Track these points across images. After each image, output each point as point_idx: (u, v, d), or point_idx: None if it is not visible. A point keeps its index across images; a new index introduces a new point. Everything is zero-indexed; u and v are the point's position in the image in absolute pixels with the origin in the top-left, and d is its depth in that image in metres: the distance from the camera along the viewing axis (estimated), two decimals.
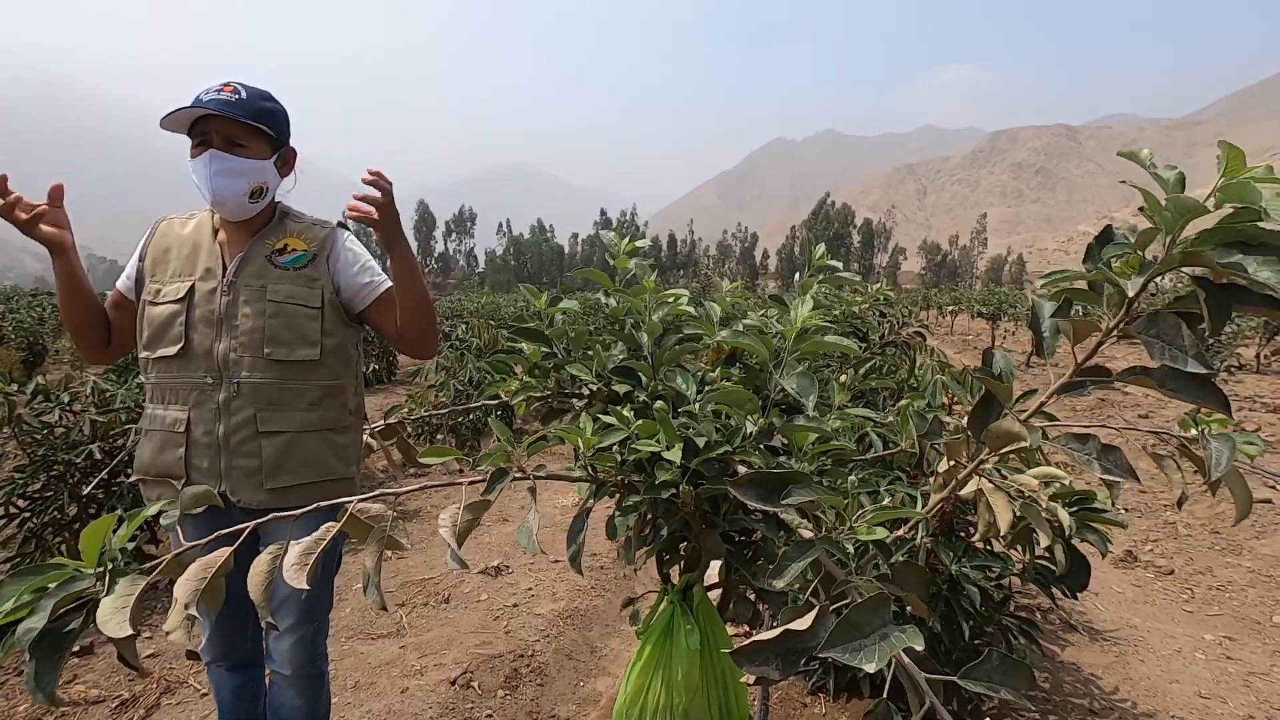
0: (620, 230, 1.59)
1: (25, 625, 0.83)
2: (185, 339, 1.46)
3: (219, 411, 1.45)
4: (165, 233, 1.57)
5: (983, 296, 17.34)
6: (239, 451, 1.45)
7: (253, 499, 1.46)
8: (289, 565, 0.95)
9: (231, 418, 1.45)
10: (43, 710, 2.26)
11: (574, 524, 1.18)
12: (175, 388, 1.48)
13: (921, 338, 3.97)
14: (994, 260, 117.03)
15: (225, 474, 1.46)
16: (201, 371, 1.46)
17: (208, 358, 1.46)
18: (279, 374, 1.48)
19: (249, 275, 1.48)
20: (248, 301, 1.47)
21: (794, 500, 0.86)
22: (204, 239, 1.53)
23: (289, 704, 1.61)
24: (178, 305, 1.47)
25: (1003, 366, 0.88)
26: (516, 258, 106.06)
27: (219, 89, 1.43)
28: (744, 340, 1.26)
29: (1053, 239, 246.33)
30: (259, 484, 1.46)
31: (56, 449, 2.86)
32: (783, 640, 0.75)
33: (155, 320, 1.49)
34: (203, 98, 1.40)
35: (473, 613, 3.01)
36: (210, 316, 1.47)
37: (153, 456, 1.49)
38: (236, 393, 1.45)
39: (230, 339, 1.46)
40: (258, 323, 1.46)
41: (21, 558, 2.90)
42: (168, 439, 1.47)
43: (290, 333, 1.48)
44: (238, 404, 1.45)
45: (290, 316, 1.48)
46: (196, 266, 1.50)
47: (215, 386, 1.46)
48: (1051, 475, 1.36)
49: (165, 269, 1.52)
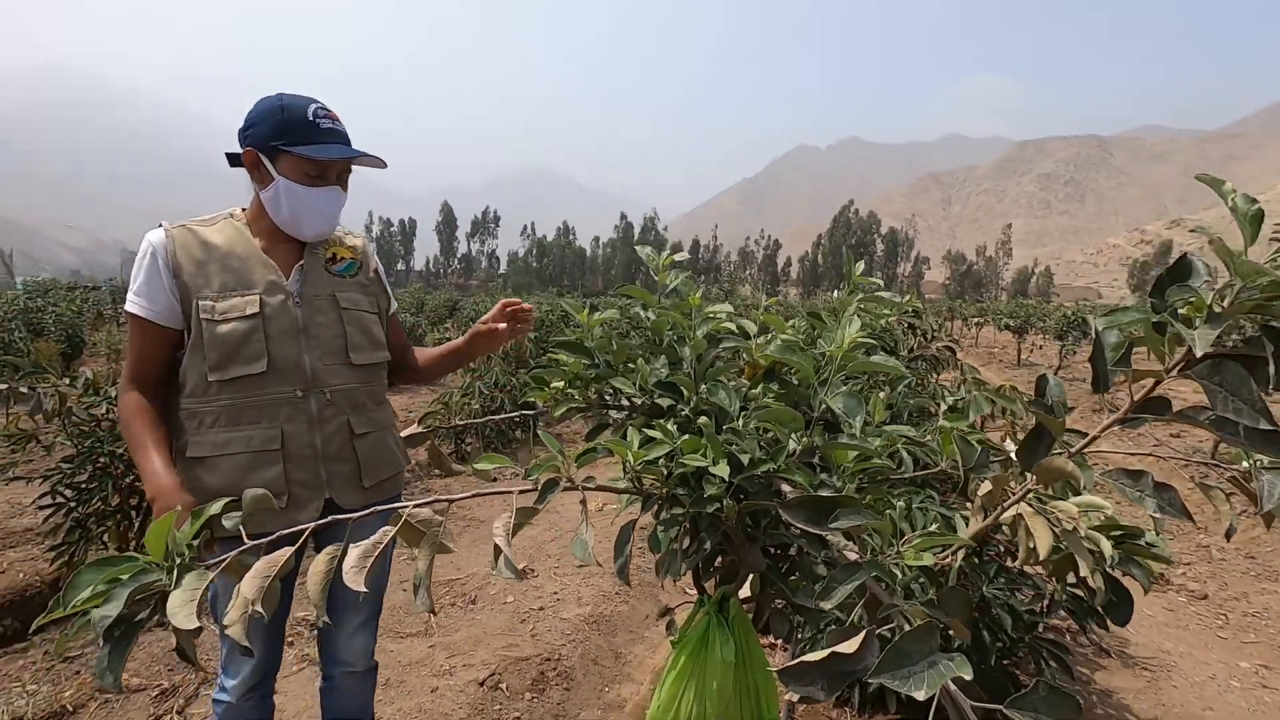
0: (644, 237, 1.61)
1: (100, 612, 0.87)
2: (268, 354, 1.40)
3: (313, 422, 1.45)
4: (187, 243, 1.42)
5: (1009, 309, 17.10)
6: (337, 458, 1.48)
7: (353, 501, 1.50)
8: (348, 568, 0.98)
9: (326, 426, 1.46)
10: (88, 696, 2.33)
11: (620, 536, 1.21)
12: (259, 406, 1.41)
13: (951, 352, 3.94)
14: (1020, 272, 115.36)
15: (328, 482, 1.47)
16: (290, 386, 1.42)
17: (296, 370, 1.43)
18: (361, 378, 1.53)
19: (315, 285, 1.50)
20: (322, 311, 1.49)
21: (841, 524, 0.88)
22: (250, 249, 1.46)
23: (358, 700, 1.68)
24: (252, 321, 1.40)
25: (1056, 397, 0.89)
26: (539, 260, 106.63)
27: (327, 114, 1.44)
28: (790, 357, 1.28)
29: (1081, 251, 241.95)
30: (359, 485, 1.51)
31: (102, 441, 2.94)
32: (830, 662, 0.77)
33: (226, 341, 1.38)
34: (320, 123, 1.42)
35: (499, 614, 3.05)
36: (289, 329, 1.44)
37: (237, 480, 1.39)
38: (329, 401, 1.47)
39: (314, 349, 1.47)
40: (337, 330, 1.50)
41: (66, 545, 2.99)
42: (258, 460, 1.40)
43: (364, 337, 1.54)
44: (330, 412, 1.47)
45: (361, 322, 1.54)
46: (253, 279, 1.43)
47: (305, 398, 1.44)
48: (1093, 504, 1.36)
49: (208, 283, 1.41)
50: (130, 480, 3.04)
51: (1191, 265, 0.69)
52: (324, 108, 1.45)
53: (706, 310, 1.46)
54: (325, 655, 1.67)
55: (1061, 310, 14.20)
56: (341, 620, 1.60)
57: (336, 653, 1.63)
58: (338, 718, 1.69)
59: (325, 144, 1.42)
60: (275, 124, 1.39)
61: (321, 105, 1.44)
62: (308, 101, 1.43)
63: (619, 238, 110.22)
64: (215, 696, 1.55)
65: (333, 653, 1.64)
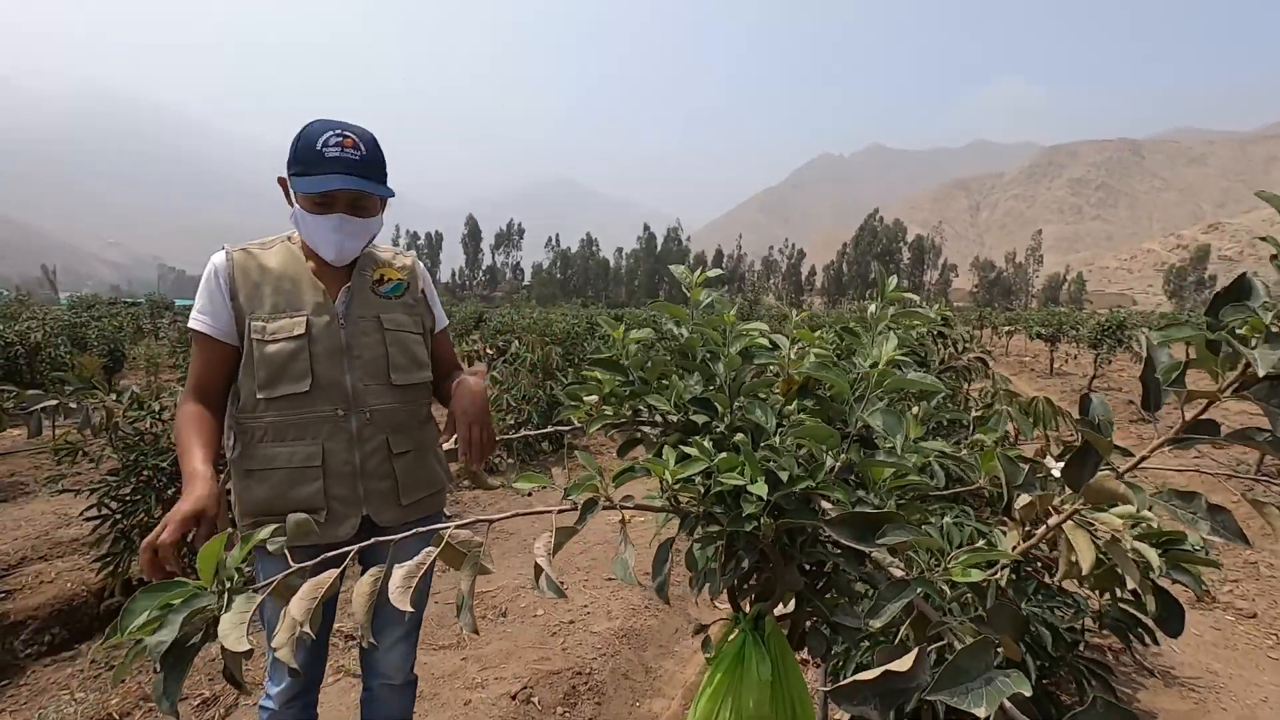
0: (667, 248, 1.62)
1: (156, 638, 0.89)
2: (312, 374, 1.45)
3: (352, 441, 1.49)
4: (245, 266, 1.49)
5: (1041, 316, 16.76)
6: (375, 475, 1.51)
7: (391, 518, 1.53)
8: (393, 588, 1.00)
9: (365, 445, 1.50)
10: (133, 704, 2.39)
11: (658, 554, 1.21)
12: (303, 423, 1.46)
13: (984, 364, 3.88)
14: (1051, 279, 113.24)
15: (365, 499, 1.50)
16: (331, 404, 1.47)
17: (337, 390, 1.47)
18: (402, 398, 1.56)
19: (360, 306, 1.54)
20: (365, 332, 1.52)
21: (889, 540, 0.87)
22: (301, 272, 1.52)
23: (397, 712, 1.70)
24: (298, 342, 1.45)
25: (1102, 416, 0.88)
26: (563, 271, 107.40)
27: (340, 141, 1.41)
28: (826, 374, 1.28)
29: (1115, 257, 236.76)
30: (396, 503, 1.54)
31: (146, 454, 3.03)
32: (883, 681, 0.77)
33: (274, 360, 1.44)
34: (326, 151, 1.39)
35: (530, 628, 3.06)
36: (333, 350, 1.48)
37: (278, 494, 1.45)
38: (369, 420, 1.51)
39: (356, 369, 1.50)
40: (379, 351, 1.53)
41: (111, 556, 3.08)
42: (299, 475, 1.45)
43: (406, 358, 1.57)
44: (369, 431, 1.51)
45: (404, 343, 1.57)
46: (302, 300, 1.48)
47: (346, 417, 1.48)
48: (1136, 515, 1.33)
49: (261, 304, 1.47)
50: (172, 493, 3.12)
51: (1251, 285, 0.68)
52: (339, 134, 1.42)
53: (740, 327, 1.47)
54: (365, 667, 1.70)
55: (1096, 318, 13.87)
56: (381, 634, 1.63)
57: (376, 665, 1.66)
58: None
59: (325, 174, 1.40)
60: (292, 152, 1.44)
61: (337, 132, 1.42)
62: (324, 129, 1.42)
63: (642, 249, 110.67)
64: (261, 704, 1.60)
65: (373, 665, 1.67)
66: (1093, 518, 1.21)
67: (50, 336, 7.88)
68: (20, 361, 7.27)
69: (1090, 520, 1.17)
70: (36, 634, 2.99)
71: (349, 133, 1.43)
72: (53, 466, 5.22)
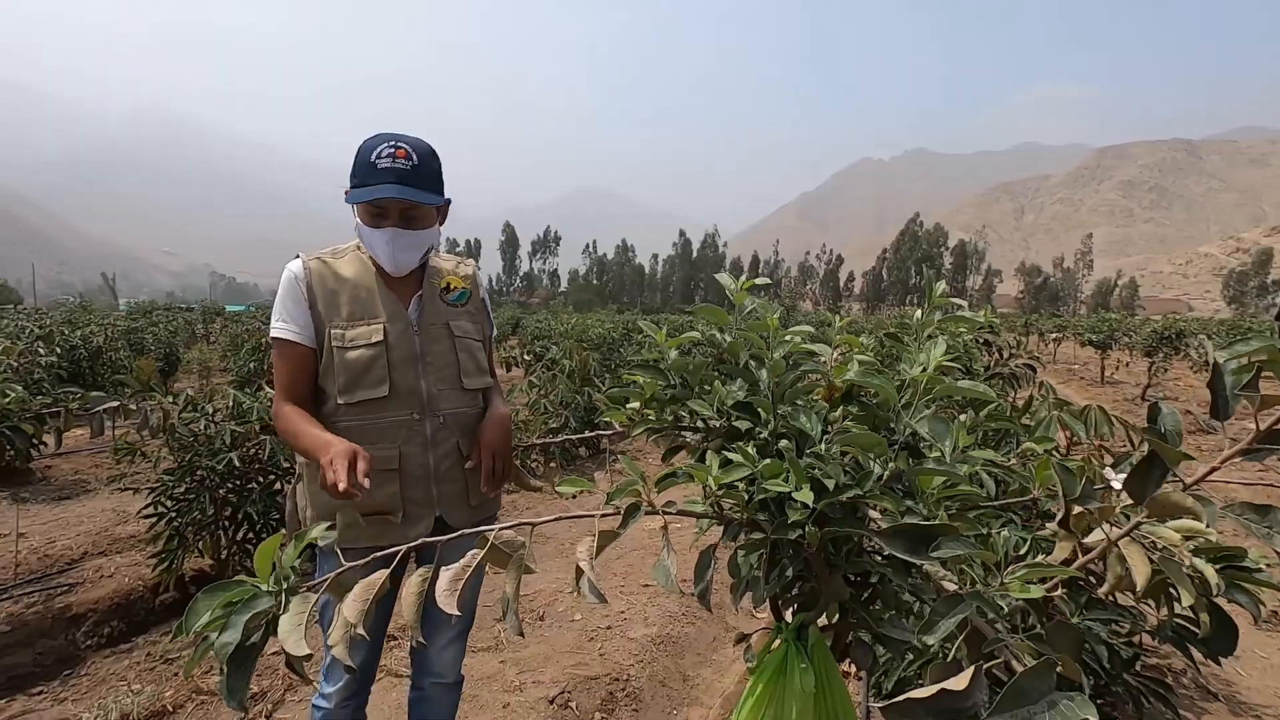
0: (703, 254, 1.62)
1: (222, 640, 0.92)
2: (390, 380, 1.50)
3: (427, 444, 1.53)
4: (322, 274, 1.54)
5: (1092, 323, 16.19)
6: (447, 478, 1.56)
7: (462, 520, 1.57)
8: (440, 591, 1.01)
9: (439, 448, 1.55)
10: (186, 697, 2.47)
11: (700, 560, 1.20)
12: (381, 428, 1.49)
13: (1032, 370, 3.77)
14: (1101, 284, 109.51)
15: (439, 500, 1.55)
16: (408, 409, 1.52)
17: (413, 395, 1.52)
18: (469, 402, 1.61)
19: (431, 314, 1.59)
20: (437, 339, 1.57)
21: (944, 553, 0.85)
22: (375, 281, 1.56)
23: (446, 710, 1.74)
24: (376, 349, 1.49)
25: (1170, 426, 0.84)
26: (599, 277, 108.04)
27: (392, 151, 1.44)
28: (872, 380, 1.25)
29: (1169, 261, 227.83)
30: (466, 504, 1.59)
31: (200, 455, 3.13)
32: (938, 699, 0.74)
33: (354, 366, 1.49)
34: (379, 163, 1.42)
35: (567, 632, 3.07)
36: (409, 356, 1.53)
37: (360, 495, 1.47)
38: (442, 424, 1.55)
39: (429, 375, 1.55)
40: (451, 358, 1.58)
41: (166, 552, 3.19)
42: (377, 477, 1.46)
43: (473, 364, 1.62)
44: (443, 434, 1.56)
45: (471, 350, 1.62)
46: (378, 309, 1.53)
47: (421, 421, 1.53)
48: (1194, 530, 1.27)
49: (338, 312, 1.51)
50: (224, 493, 3.23)
51: None
52: (392, 145, 1.45)
53: (785, 333, 1.45)
54: (417, 666, 1.73)
55: (1151, 323, 13.33)
56: (436, 634, 1.66)
57: (429, 664, 1.69)
58: None
59: (377, 184, 1.43)
60: (353, 167, 1.48)
61: (390, 144, 1.45)
62: (379, 142, 1.46)
63: (678, 255, 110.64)
64: (314, 702, 1.64)
65: (426, 664, 1.70)
66: (1148, 531, 1.16)
67: (110, 341, 8.23)
68: (84, 364, 7.60)
69: (1145, 534, 1.13)
70: (96, 626, 3.12)
71: (402, 144, 1.46)
72: (112, 466, 5.45)
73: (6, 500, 4.96)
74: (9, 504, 4.88)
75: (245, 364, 7.95)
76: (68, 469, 5.87)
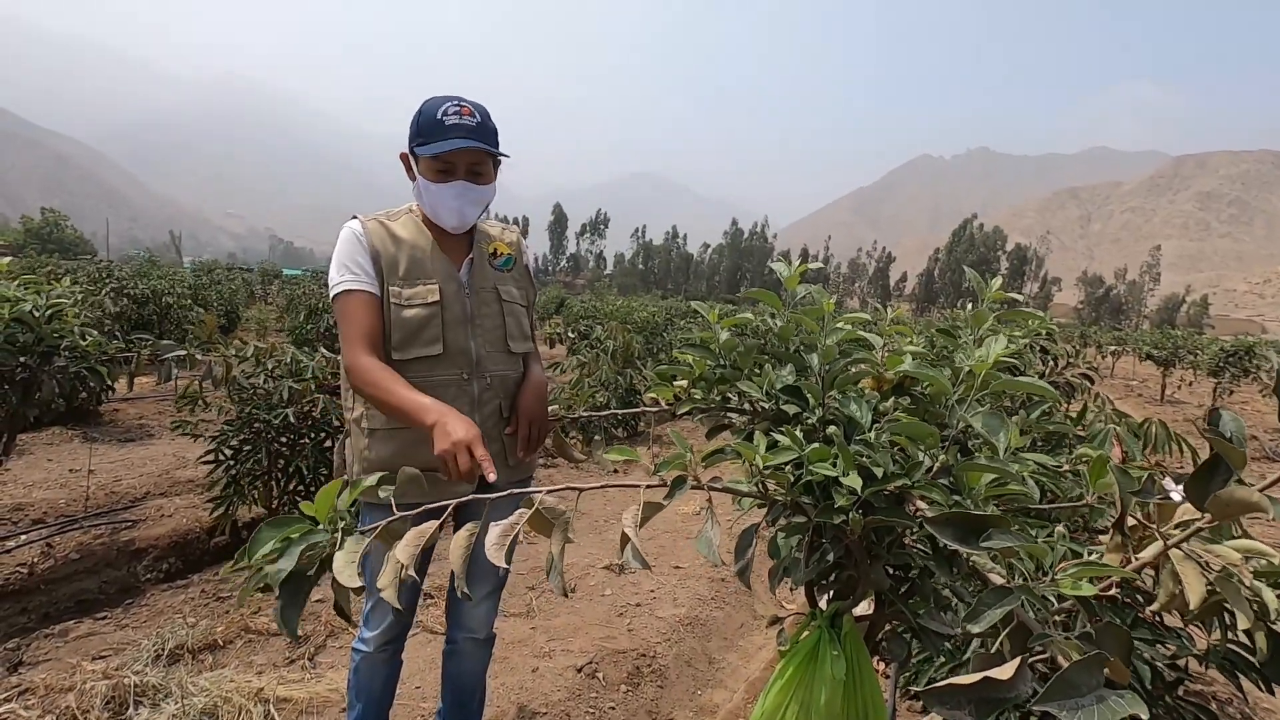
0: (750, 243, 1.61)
1: (274, 567, 0.97)
2: (443, 340, 1.55)
3: (473, 404, 1.58)
4: (381, 235, 1.56)
5: (1155, 338, 15.49)
6: (490, 437, 1.60)
7: (503, 479, 1.61)
8: (490, 544, 1.05)
9: (484, 408, 1.60)
10: (235, 634, 2.60)
11: (741, 539, 1.22)
12: (430, 385, 1.50)
13: (1089, 380, 3.64)
14: (1168, 299, 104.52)
15: None
16: (457, 369, 1.57)
17: (463, 355, 1.58)
18: (513, 365, 1.66)
19: (480, 277, 1.63)
20: (486, 303, 1.62)
21: (994, 544, 0.84)
22: (428, 242, 1.60)
23: (476, 666, 1.81)
24: (432, 308, 1.54)
25: (1233, 430, 0.82)
26: (645, 262, 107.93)
27: (459, 109, 1.49)
28: (925, 372, 1.24)
29: (1244, 279, 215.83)
30: (505, 464, 1.64)
31: (259, 408, 3.27)
32: (981, 687, 0.74)
33: (409, 324, 1.53)
34: (446, 120, 1.47)
35: (597, 606, 3.12)
36: (461, 317, 1.58)
37: (403, 454, 1.52)
38: (489, 385, 1.61)
39: (478, 337, 1.60)
40: (498, 321, 1.63)
41: (222, 498, 3.35)
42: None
43: (518, 328, 1.66)
44: (489, 395, 1.61)
45: (516, 314, 1.67)
46: (433, 270, 1.57)
47: (469, 381, 1.58)
48: (1256, 550, 1.22)
49: (396, 271, 1.55)
50: (278, 446, 3.36)
51: None
52: (456, 104, 1.49)
53: (838, 318, 1.44)
54: (452, 621, 1.79)
55: (1219, 342, 12.68)
56: (472, 589, 1.71)
57: (463, 619, 1.75)
58: (457, 679, 1.81)
59: (447, 139, 1.47)
60: (414, 127, 1.53)
61: (455, 103, 1.49)
62: (442, 101, 1.50)
63: (727, 244, 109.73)
64: (354, 646, 1.71)
65: (460, 619, 1.76)
66: (1206, 549, 1.12)
67: (179, 297, 8.61)
68: (152, 316, 7.97)
69: (1202, 552, 1.09)
70: (156, 561, 3.30)
71: (465, 102, 1.52)
72: (174, 413, 5.72)
73: (79, 439, 5.27)
74: (81, 442, 5.18)
75: (303, 326, 8.22)
76: (133, 413, 6.19)
